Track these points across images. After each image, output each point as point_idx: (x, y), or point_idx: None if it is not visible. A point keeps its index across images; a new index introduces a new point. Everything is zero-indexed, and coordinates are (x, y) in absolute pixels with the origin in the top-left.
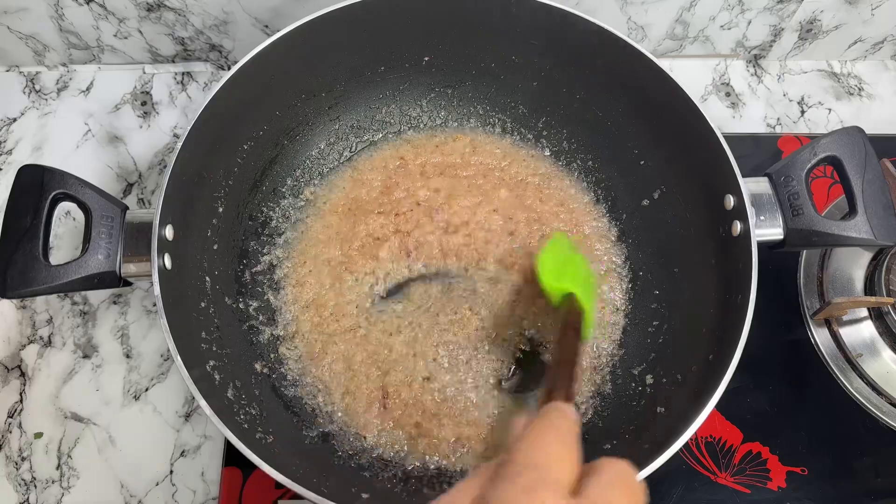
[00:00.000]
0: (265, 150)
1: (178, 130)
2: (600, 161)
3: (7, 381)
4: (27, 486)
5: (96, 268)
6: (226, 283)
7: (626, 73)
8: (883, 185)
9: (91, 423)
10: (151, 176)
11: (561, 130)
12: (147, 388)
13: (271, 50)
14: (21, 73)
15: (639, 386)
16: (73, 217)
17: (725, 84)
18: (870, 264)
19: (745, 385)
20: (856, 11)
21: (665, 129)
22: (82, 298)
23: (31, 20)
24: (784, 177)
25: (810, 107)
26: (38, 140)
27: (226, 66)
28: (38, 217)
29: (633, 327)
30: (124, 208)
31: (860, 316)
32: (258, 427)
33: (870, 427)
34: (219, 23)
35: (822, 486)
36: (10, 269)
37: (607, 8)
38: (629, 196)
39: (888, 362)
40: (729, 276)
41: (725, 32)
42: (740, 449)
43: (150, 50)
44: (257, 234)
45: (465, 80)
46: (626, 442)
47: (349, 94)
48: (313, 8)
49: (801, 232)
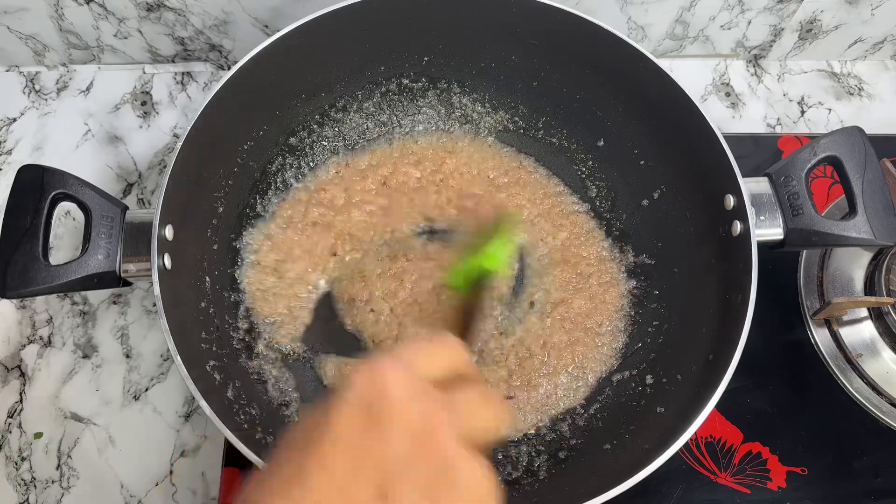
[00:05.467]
0: (265, 150)
1: (178, 130)
2: (600, 161)
3: (7, 381)
4: (27, 487)
5: (96, 268)
6: (226, 282)
7: (626, 73)
8: (883, 185)
9: (91, 423)
10: (151, 176)
11: (561, 130)
12: (147, 388)
13: (271, 50)
14: (21, 73)
15: (639, 386)
16: (73, 217)
17: (725, 84)
18: (870, 264)
19: (745, 385)
20: (856, 11)
21: (665, 129)
22: (82, 298)
23: (31, 20)
24: (784, 177)
25: (810, 107)
26: (38, 140)
27: (226, 66)
28: (38, 217)
29: (633, 327)
30: (124, 208)
31: (860, 316)
32: (258, 427)
33: (870, 427)
34: (219, 23)
35: (822, 486)
36: (9, 269)
37: (607, 8)
38: (629, 196)
39: (888, 362)
40: (729, 276)
41: (725, 32)
42: (740, 449)
43: (150, 50)
44: None
45: (465, 80)
46: (625, 442)
47: (349, 94)
48: (313, 8)
49: (801, 232)
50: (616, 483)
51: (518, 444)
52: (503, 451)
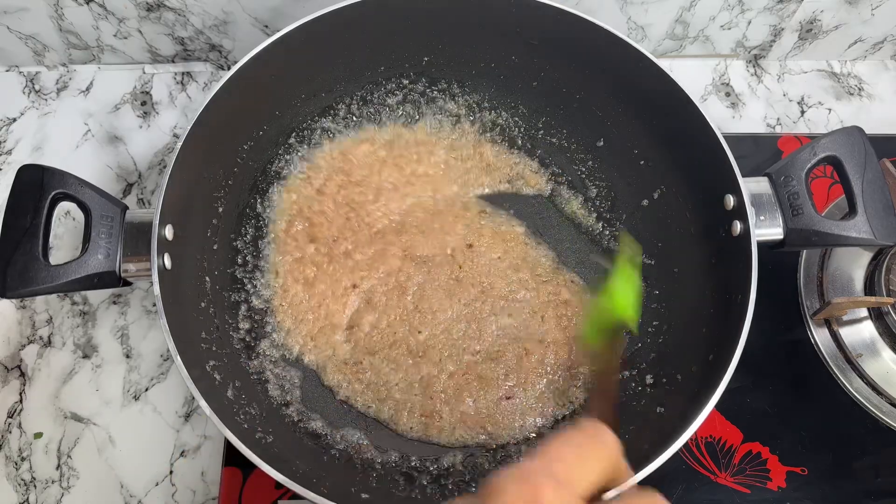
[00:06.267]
0: (265, 150)
1: (178, 130)
2: (600, 161)
3: (7, 381)
4: (27, 487)
5: (96, 268)
6: (225, 282)
7: (625, 72)
8: (883, 185)
9: (91, 424)
10: (151, 176)
11: (561, 130)
12: (147, 388)
13: (271, 50)
14: (21, 73)
15: (639, 386)
16: (73, 217)
17: (725, 84)
18: (870, 264)
19: (745, 385)
20: (856, 11)
21: (665, 129)
22: (82, 298)
23: (31, 20)
24: (784, 177)
25: (810, 107)
26: (38, 140)
27: (226, 66)
28: (38, 217)
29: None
30: (124, 208)
31: (860, 316)
32: (258, 427)
33: (870, 427)
34: (219, 23)
35: (822, 486)
36: (9, 269)
37: (607, 8)
38: (629, 196)
39: (888, 362)
40: (729, 276)
41: (725, 32)
42: (740, 449)
43: (150, 50)
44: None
45: (464, 80)
46: (626, 442)
47: (349, 94)
48: (313, 8)
49: (801, 232)
50: (616, 483)
51: (518, 444)
52: (503, 451)
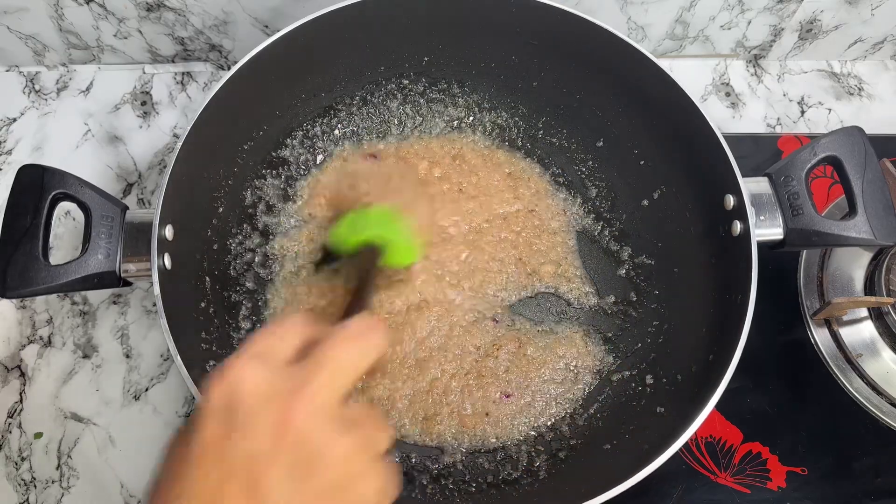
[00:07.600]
0: (265, 150)
1: (178, 130)
2: (600, 161)
3: (7, 381)
4: (27, 487)
5: (96, 268)
6: (225, 282)
7: (626, 73)
8: (883, 185)
9: (91, 424)
10: (151, 176)
11: (561, 130)
12: (147, 388)
13: (271, 50)
14: (21, 73)
15: (639, 386)
16: (73, 217)
17: (725, 84)
18: (870, 264)
19: (745, 385)
20: (856, 11)
21: (665, 129)
22: (82, 298)
23: (31, 20)
24: (784, 177)
25: (810, 107)
26: (38, 140)
27: (226, 66)
28: (38, 217)
29: (633, 327)
30: (124, 208)
31: (860, 316)
32: None
33: (870, 427)
34: (219, 23)
35: (822, 486)
36: (9, 269)
37: (607, 8)
38: (629, 196)
39: (888, 362)
40: (729, 276)
41: (725, 32)
42: (740, 449)
43: (150, 50)
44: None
45: (464, 80)
46: (626, 442)
47: (349, 95)
48: (313, 8)
49: (801, 232)
50: (616, 483)
51: (518, 444)
52: (503, 451)
